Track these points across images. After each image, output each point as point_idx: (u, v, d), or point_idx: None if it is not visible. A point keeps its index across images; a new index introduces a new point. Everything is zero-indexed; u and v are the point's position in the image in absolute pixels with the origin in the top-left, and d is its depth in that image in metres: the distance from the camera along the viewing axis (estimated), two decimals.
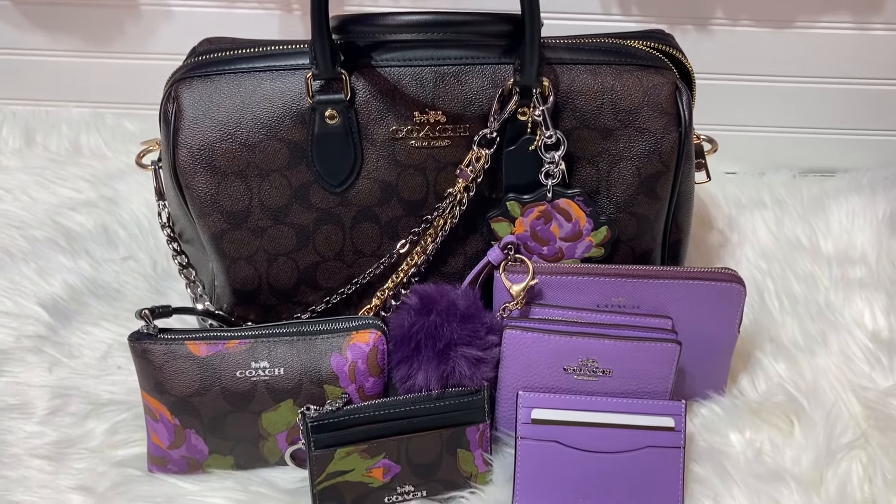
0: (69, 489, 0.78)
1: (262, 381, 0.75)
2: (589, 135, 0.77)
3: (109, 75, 1.20)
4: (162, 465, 0.79)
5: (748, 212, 1.10)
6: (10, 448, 0.81)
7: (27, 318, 0.94)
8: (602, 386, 0.77)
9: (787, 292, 0.97)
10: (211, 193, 0.76)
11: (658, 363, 0.76)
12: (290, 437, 0.77)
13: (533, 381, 0.77)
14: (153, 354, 0.75)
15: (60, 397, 0.86)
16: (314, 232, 0.79)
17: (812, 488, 0.76)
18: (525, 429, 0.76)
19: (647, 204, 0.80)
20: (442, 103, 0.76)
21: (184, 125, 0.75)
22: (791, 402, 0.83)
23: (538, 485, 0.76)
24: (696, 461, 0.78)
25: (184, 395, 0.75)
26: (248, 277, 0.81)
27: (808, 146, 1.21)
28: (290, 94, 0.75)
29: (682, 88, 0.77)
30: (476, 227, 0.81)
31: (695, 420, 0.83)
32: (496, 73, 0.76)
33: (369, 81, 0.75)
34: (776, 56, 1.14)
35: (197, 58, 0.78)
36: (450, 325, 0.75)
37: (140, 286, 0.99)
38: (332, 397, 0.76)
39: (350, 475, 0.74)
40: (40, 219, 1.06)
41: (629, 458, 0.75)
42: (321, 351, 0.76)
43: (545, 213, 0.79)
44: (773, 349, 0.90)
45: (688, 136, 0.78)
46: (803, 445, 0.80)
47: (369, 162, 0.77)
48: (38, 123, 1.21)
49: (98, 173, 1.14)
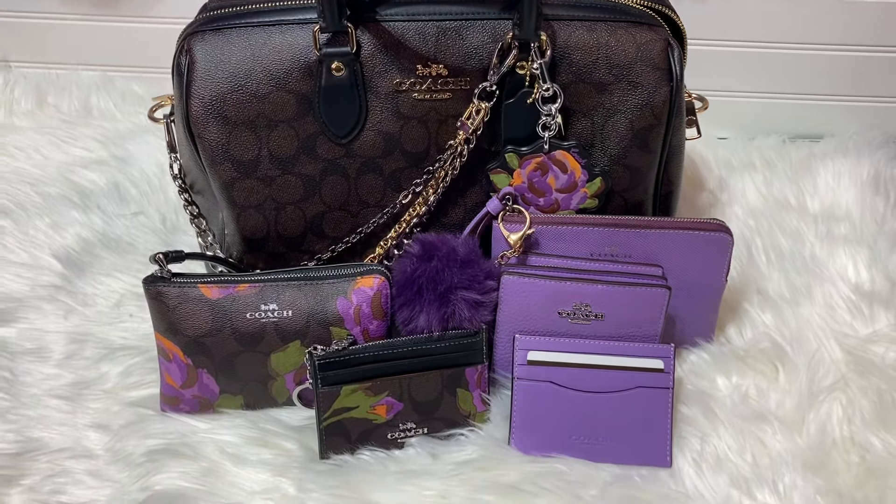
0: (86, 427, 0.81)
1: (271, 323, 0.78)
2: (584, 89, 0.80)
3: (118, 39, 1.22)
4: (174, 404, 0.82)
5: (738, 174, 1.14)
6: (28, 388, 0.84)
7: (42, 268, 0.97)
8: (595, 329, 0.80)
9: (774, 247, 1.01)
10: (222, 143, 0.79)
11: (648, 307, 0.80)
12: (297, 377, 0.81)
13: (529, 325, 0.81)
14: (167, 296, 0.78)
15: (76, 342, 0.89)
16: (321, 182, 0.83)
17: (794, 428, 0.80)
18: (521, 370, 0.79)
19: (640, 156, 0.83)
20: (444, 57, 0.79)
21: (196, 77, 0.78)
22: (776, 348, 0.87)
23: (533, 423, 0.79)
24: (684, 403, 0.82)
25: (196, 336, 0.79)
26: (258, 225, 0.84)
27: (797, 112, 1.24)
28: (299, 46, 0.78)
29: (674, 44, 0.80)
30: (476, 178, 0.84)
31: (683, 366, 0.86)
32: (496, 29, 0.78)
33: (374, 35, 0.78)
34: (767, 23, 1.16)
35: (209, 13, 0.80)
36: (450, 270, 0.78)
37: (150, 240, 1.02)
38: (337, 338, 0.79)
39: (355, 412, 0.77)
40: (53, 176, 1.09)
41: (621, 397, 0.79)
42: (327, 294, 0.79)
43: (542, 165, 0.82)
44: (760, 300, 0.94)
45: (679, 90, 0.81)
46: (787, 389, 0.84)
47: (374, 114, 0.80)
48: (49, 85, 1.24)
49: (108, 133, 1.16)
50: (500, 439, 0.79)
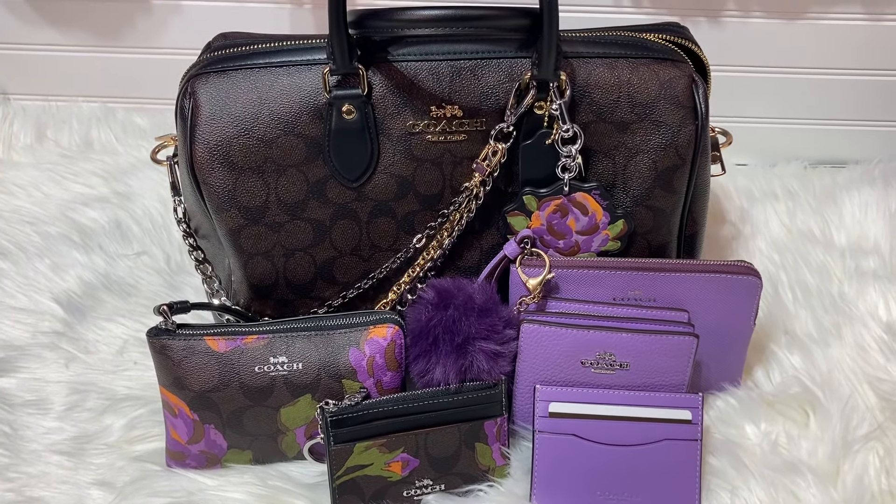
0: (89, 484, 0.78)
1: (281, 376, 0.75)
2: (605, 128, 0.77)
3: (119, 70, 1.20)
4: (180, 460, 0.79)
5: (760, 204, 1.11)
6: (28, 444, 0.82)
7: (43, 314, 0.94)
8: (619, 379, 0.77)
9: (801, 284, 0.97)
10: (228, 189, 0.76)
11: (675, 356, 0.76)
12: (308, 431, 0.78)
13: (550, 375, 0.78)
14: (172, 350, 0.75)
15: (77, 393, 0.86)
16: (331, 227, 0.79)
17: (829, 480, 0.77)
18: (542, 422, 0.76)
19: (664, 197, 0.80)
20: (458, 98, 0.76)
21: (201, 121, 0.75)
22: (806, 393, 0.84)
23: (556, 478, 0.76)
24: (712, 453, 0.79)
25: (203, 391, 0.76)
26: (266, 273, 0.81)
27: (818, 137, 1.21)
28: (307, 89, 0.75)
29: (699, 81, 0.77)
30: (492, 221, 0.81)
31: (710, 412, 0.83)
32: (513, 68, 0.75)
33: (386, 76, 0.75)
34: (787, 48, 1.14)
35: (212, 53, 0.78)
36: (467, 320, 0.75)
37: (154, 281, 0.99)
38: (350, 392, 0.76)
39: (369, 469, 0.74)
40: (53, 214, 1.06)
41: (646, 450, 0.76)
42: (339, 345, 0.76)
43: (561, 207, 0.79)
44: (788, 341, 0.90)
45: (704, 128, 0.78)
46: (819, 437, 0.81)
47: (386, 156, 0.77)
48: (48, 119, 1.21)
49: (110, 168, 1.14)
50: (521, 496, 0.76)
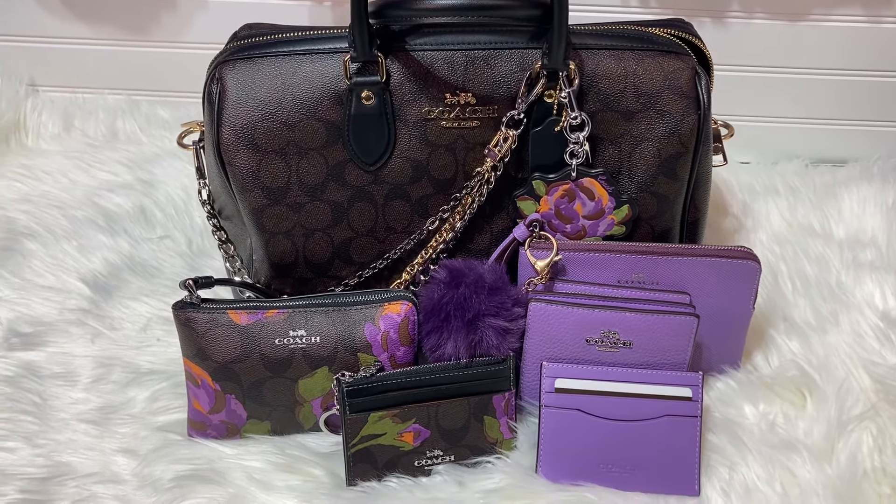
0: (114, 451, 0.82)
1: (300, 349, 0.79)
2: (612, 117, 0.81)
3: (144, 64, 1.23)
4: (202, 429, 0.83)
5: (762, 199, 1.13)
6: (57, 413, 0.85)
7: (70, 292, 0.98)
8: (623, 357, 0.80)
9: (800, 274, 1.00)
10: (252, 170, 0.80)
11: (677, 335, 0.79)
12: (324, 403, 0.81)
13: (556, 352, 0.81)
14: (196, 322, 0.79)
15: (103, 366, 0.89)
16: (348, 209, 0.83)
17: (824, 458, 0.79)
18: (549, 397, 0.79)
19: (667, 184, 0.83)
20: (472, 86, 0.79)
21: (227, 105, 0.78)
22: (803, 376, 0.86)
23: (561, 451, 0.79)
24: (711, 431, 0.81)
25: (225, 362, 0.79)
26: (286, 251, 0.84)
27: (820, 137, 1.23)
28: (329, 75, 0.79)
29: (701, 73, 0.81)
30: (502, 205, 0.85)
31: (710, 393, 0.86)
32: (524, 58, 0.79)
33: (403, 64, 0.79)
34: (790, 48, 1.17)
35: (239, 41, 0.81)
36: (478, 297, 0.78)
37: (176, 263, 1.02)
38: (365, 365, 0.79)
39: (382, 439, 0.77)
40: (80, 200, 1.10)
41: (648, 426, 0.78)
42: (355, 321, 0.79)
43: (569, 192, 0.83)
44: (787, 328, 0.93)
45: (706, 118, 0.81)
46: (815, 418, 0.83)
47: (402, 141, 0.81)
48: (75, 109, 1.25)
49: (134, 157, 1.17)
50: (528, 467, 0.79)
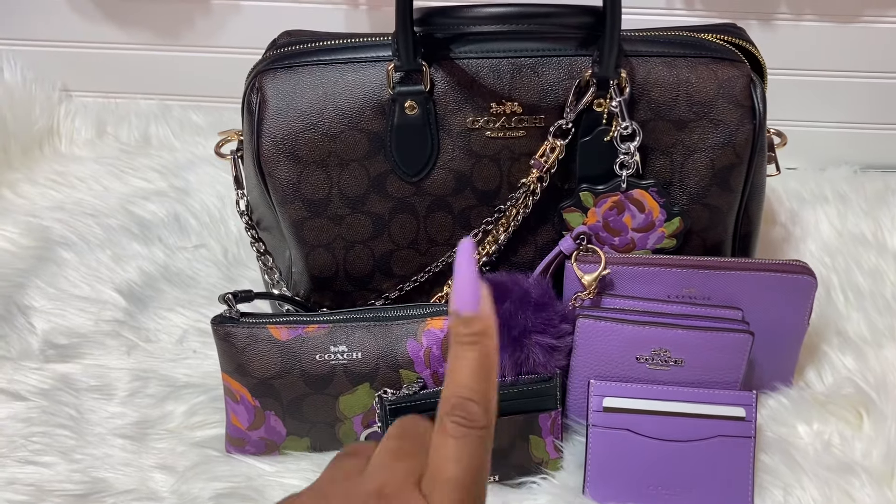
0: (151, 468, 0.80)
1: (341, 365, 0.77)
2: (664, 126, 0.78)
3: (177, 69, 1.22)
4: (240, 446, 0.81)
5: (810, 206, 1.10)
6: (93, 427, 0.84)
7: (105, 303, 0.96)
8: (674, 375, 0.78)
9: (853, 286, 0.97)
10: (293, 182, 0.78)
11: (730, 353, 0.77)
12: (365, 420, 0.79)
13: (605, 370, 0.78)
14: (235, 337, 0.77)
15: (139, 380, 0.88)
16: (390, 221, 0.81)
17: (884, 481, 0.77)
18: (596, 417, 0.77)
19: (720, 195, 0.80)
20: (518, 94, 0.77)
21: (268, 115, 0.77)
22: (859, 394, 0.83)
23: (609, 472, 0.77)
24: (764, 451, 0.79)
25: (265, 378, 0.77)
26: (326, 264, 0.82)
27: (869, 142, 1.20)
28: (371, 85, 0.76)
29: (757, 81, 0.78)
30: (548, 217, 0.82)
31: (762, 411, 0.83)
32: (573, 65, 0.76)
33: (448, 73, 0.76)
34: (839, 51, 1.13)
35: (279, 50, 0.80)
36: (524, 313, 0.76)
37: (212, 273, 1.01)
38: (407, 382, 0.77)
39: None
40: (113, 207, 1.09)
41: (700, 446, 0.76)
42: (397, 336, 0.77)
43: (618, 204, 0.80)
44: (840, 342, 0.90)
45: (762, 128, 0.78)
46: (873, 438, 0.80)
47: (445, 152, 0.79)
48: (108, 115, 1.24)
49: (168, 164, 1.16)
50: (574, 488, 0.77)
